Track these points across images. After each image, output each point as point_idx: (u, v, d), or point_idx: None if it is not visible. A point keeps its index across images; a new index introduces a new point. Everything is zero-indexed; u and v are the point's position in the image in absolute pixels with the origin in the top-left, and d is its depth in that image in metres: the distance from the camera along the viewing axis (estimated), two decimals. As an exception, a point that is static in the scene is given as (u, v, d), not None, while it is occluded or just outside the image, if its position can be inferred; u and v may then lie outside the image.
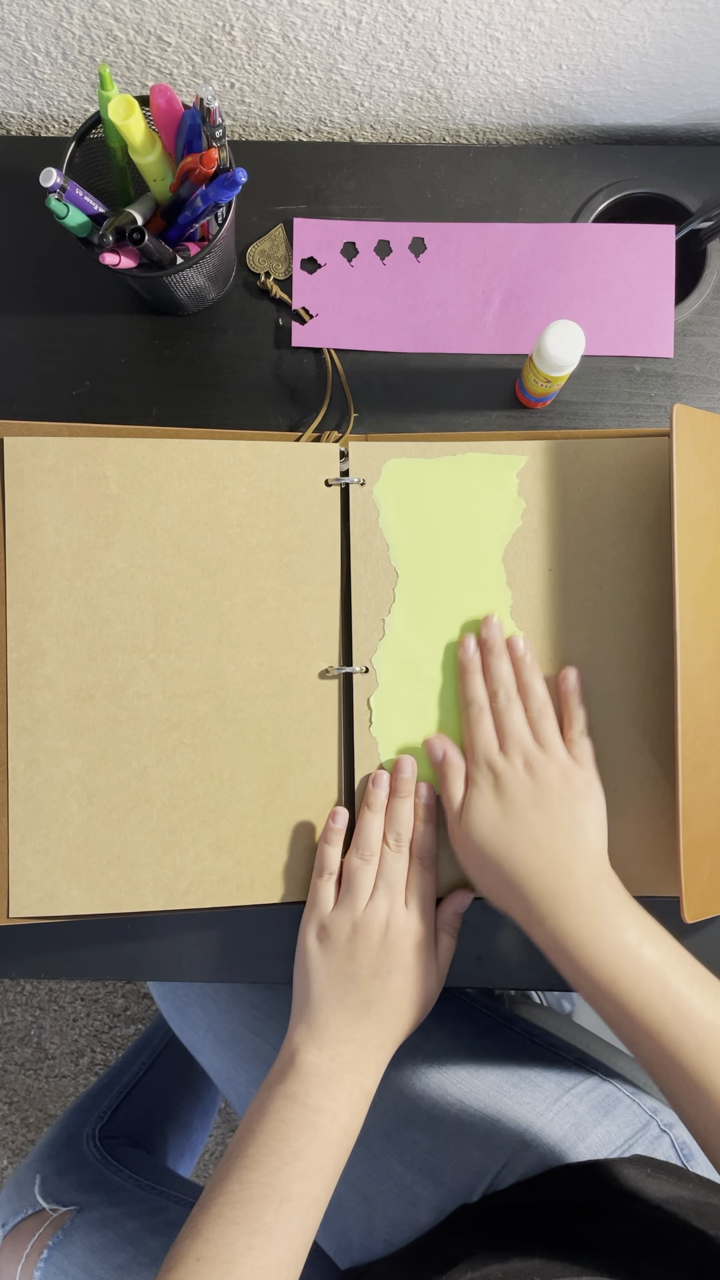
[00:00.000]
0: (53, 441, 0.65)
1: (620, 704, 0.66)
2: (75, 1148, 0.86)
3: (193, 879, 0.65)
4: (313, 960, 0.60)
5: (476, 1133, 0.71)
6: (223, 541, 0.66)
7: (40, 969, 0.68)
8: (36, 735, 0.64)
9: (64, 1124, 0.91)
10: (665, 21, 0.65)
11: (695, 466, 0.61)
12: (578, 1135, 0.70)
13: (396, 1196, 0.71)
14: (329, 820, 0.64)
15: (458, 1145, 0.71)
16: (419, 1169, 0.71)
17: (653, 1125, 0.72)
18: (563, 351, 0.62)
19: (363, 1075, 0.58)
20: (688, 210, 0.73)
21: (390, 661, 0.66)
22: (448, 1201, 0.70)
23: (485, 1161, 0.70)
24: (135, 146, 0.59)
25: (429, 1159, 0.71)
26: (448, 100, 0.75)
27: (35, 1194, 0.79)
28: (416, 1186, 0.71)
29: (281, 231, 0.73)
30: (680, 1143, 0.72)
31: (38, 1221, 0.76)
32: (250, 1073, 0.80)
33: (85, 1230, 0.75)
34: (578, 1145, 0.70)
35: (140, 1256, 0.73)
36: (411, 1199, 0.71)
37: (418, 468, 0.67)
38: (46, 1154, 0.86)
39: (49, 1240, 0.74)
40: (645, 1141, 0.71)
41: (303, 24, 0.66)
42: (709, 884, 0.62)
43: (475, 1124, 0.71)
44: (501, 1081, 0.74)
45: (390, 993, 0.59)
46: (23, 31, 0.67)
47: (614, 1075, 0.77)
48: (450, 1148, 0.71)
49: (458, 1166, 0.70)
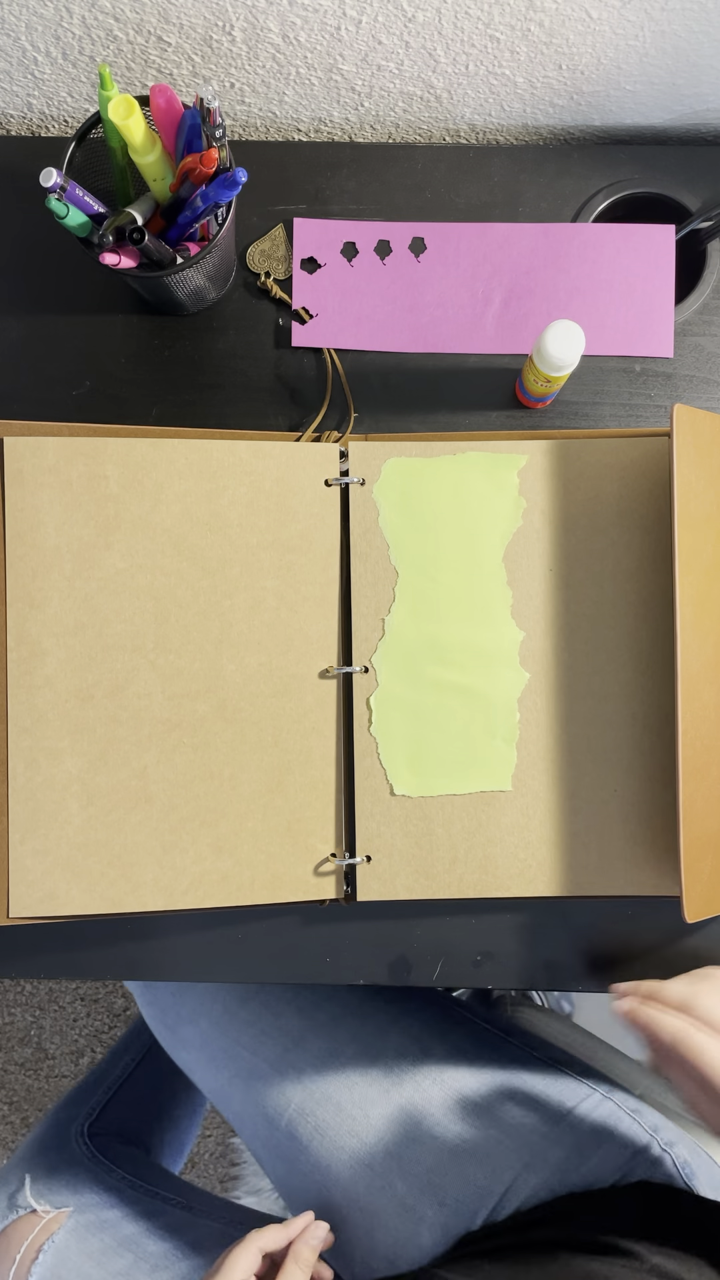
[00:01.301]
0: (53, 441, 0.65)
1: (620, 703, 0.66)
2: (64, 1145, 0.84)
3: (193, 879, 0.65)
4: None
5: (479, 1153, 0.70)
6: (223, 541, 0.66)
7: (40, 969, 0.68)
8: (36, 735, 0.64)
9: (51, 1120, 0.89)
10: (665, 21, 0.65)
11: (695, 466, 0.61)
12: (580, 1157, 0.70)
13: (399, 1215, 0.70)
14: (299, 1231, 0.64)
15: (461, 1166, 0.70)
16: (422, 1188, 0.70)
17: (654, 1145, 0.72)
18: (563, 351, 0.62)
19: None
20: (688, 210, 0.73)
21: (390, 661, 0.66)
22: (451, 1222, 0.69)
23: (488, 1183, 0.69)
24: (135, 146, 0.59)
25: (432, 1179, 0.70)
26: (448, 100, 0.75)
27: (26, 1195, 0.77)
28: (419, 1206, 0.70)
29: (281, 231, 0.73)
30: (681, 1162, 0.71)
31: (29, 1224, 0.75)
32: (246, 1091, 0.79)
33: (80, 1234, 0.74)
34: (580, 1167, 0.69)
35: (140, 1263, 0.72)
36: (415, 1218, 0.70)
37: (418, 467, 0.67)
38: (35, 1151, 0.84)
39: (43, 1244, 0.73)
40: (646, 1163, 0.70)
41: (303, 24, 0.66)
42: (709, 884, 0.62)
43: (478, 1143, 0.71)
44: (503, 1099, 0.73)
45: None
46: (23, 31, 0.67)
47: (615, 1086, 0.77)
48: (453, 1168, 0.70)
49: (460, 1187, 0.70)
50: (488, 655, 0.66)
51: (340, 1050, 0.76)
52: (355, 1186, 0.72)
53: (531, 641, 0.67)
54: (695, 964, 0.68)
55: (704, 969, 0.61)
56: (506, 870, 0.65)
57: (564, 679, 0.67)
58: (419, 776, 0.66)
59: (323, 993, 0.80)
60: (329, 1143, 0.73)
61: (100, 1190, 0.79)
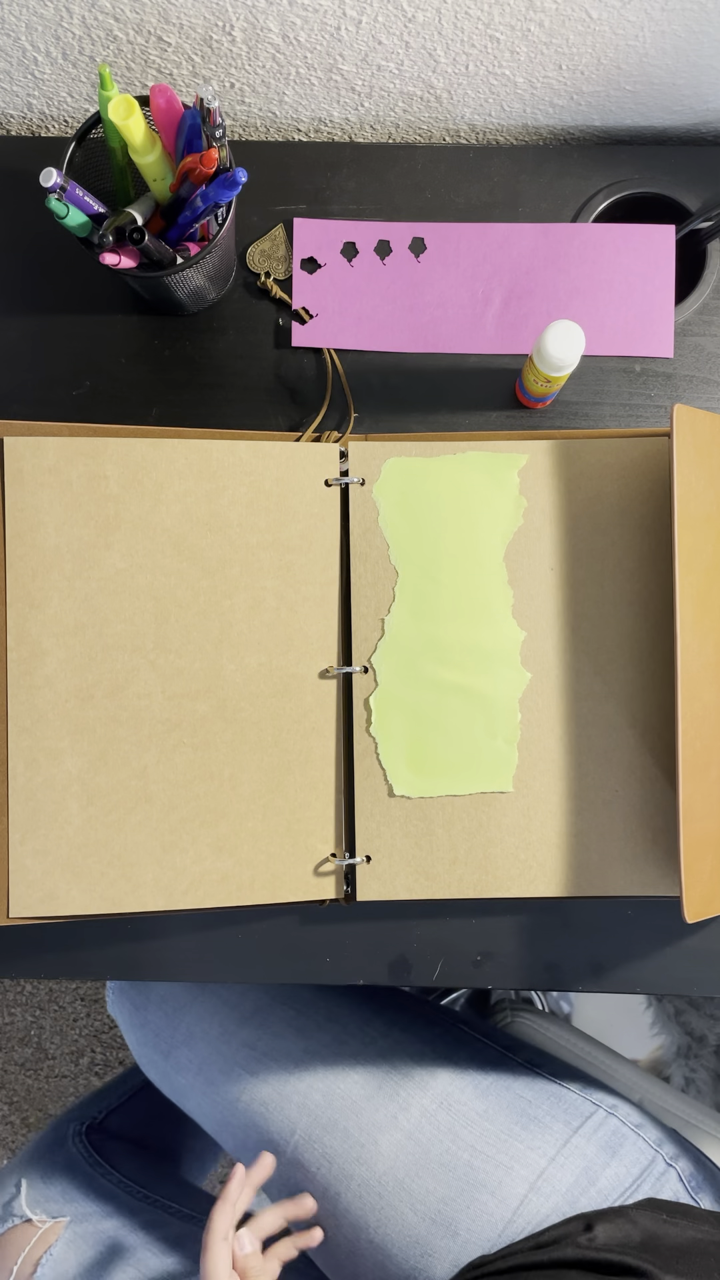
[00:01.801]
0: (53, 441, 0.65)
1: (620, 704, 0.66)
2: (60, 1146, 0.83)
3: (193, 879, 0.65)
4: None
5: (490, 1182, 0.70)
6: (223, 541, 0.66)
7: (40, 969, 0.68)
8: (36, 735, 0.64)
9: (54, 1124, 0.88)
10: (665, 21, 0.65)
11: (695, 466, 0.61)
12: (589, 1180, 0.70)
13: (410, 1247, 0.70)
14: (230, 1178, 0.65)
15: (472, 1195, 0.69)
16: (433, 1220, 0.69)
17: (659, 1161, 0.72)
18: (563, 351, 0.62)
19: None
20: (688, 210, 0.73)
21: (389, 661, 0.66)
22: (463, 1254, 0.68)
23: (500, 1210, 0.69)
24: (135, 146, 0.59)
25: (443, 1209, 0.69)
26: (448, 100, 0.75)
27: (21, 1203, 0.76)
28: (431, 1238, 0.69)
29: (281, 231, 0.73)
30: (687, 1174, 0.71)
31: (24, 1234, 0.73)
32: (247, 1115, 0.77)
33: (79, 1246, 0.72)
34: (589, 1190, 0.69)
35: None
36: (425, 1250, 0.69)
37: (418, 467, 0.67)
38: (32, 1156, 0.82)
39: (40, 1257, 0.71)
40: (653, 1179, 0.70)
41: (303, 24, 0.66)
42: (709, 884, 0.62)
43: (488, 1172, 0.70)
44: (510, 1124, 0.72)
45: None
46: (23, 31, 0.67)
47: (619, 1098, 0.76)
48: (464, 1198, 0.69)
49: (473, 1218, 0.69)
50: (488, 655, 0.66)
51: (345, 1075, 0.75)
52: (365, 1217, 0.71)
53: (533, 641, 0.67)
54: (695, 964, 0.68)
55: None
56: (507, 871, 0.65)
57: (565, 679, 0.67)
58: (419, 777, 0.66)
59: (322, 1014, 0.79)
60: (337, 1170, 0.72)
61: (98, 1197, 0.77)
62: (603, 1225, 0.64)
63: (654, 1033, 1.11)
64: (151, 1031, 0.83)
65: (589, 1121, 0.73)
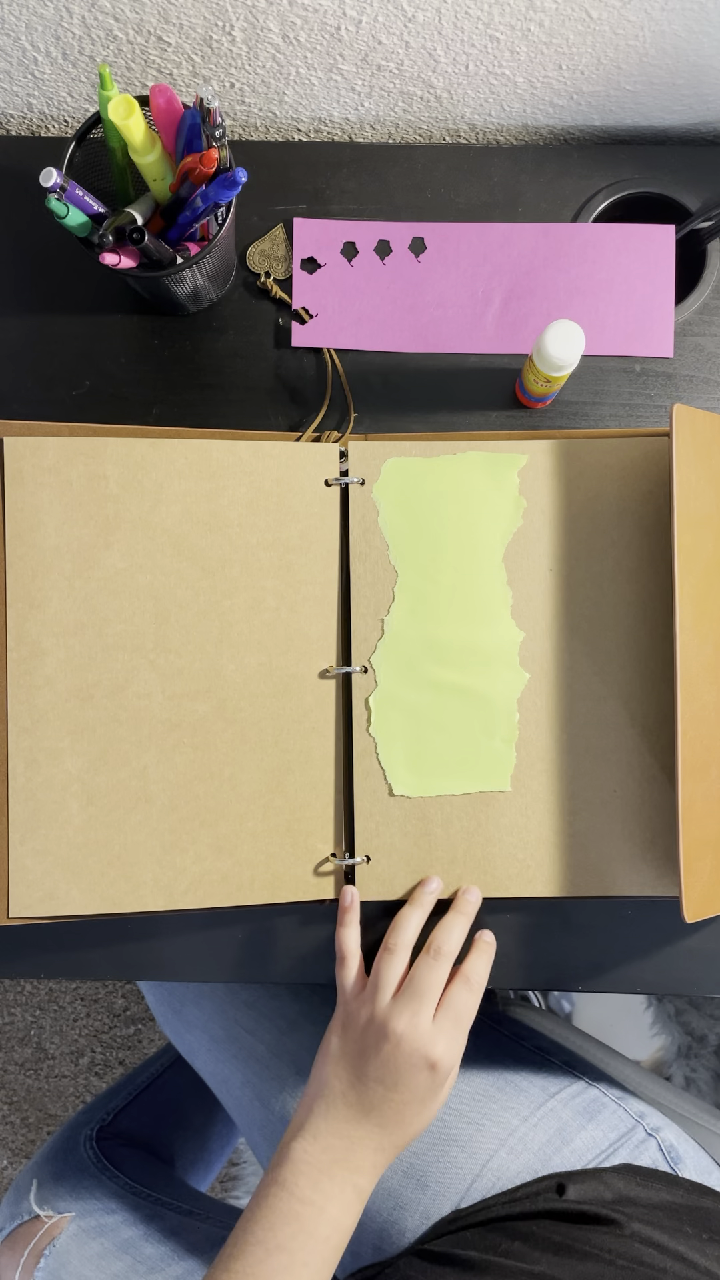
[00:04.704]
0: (53, 441, 0.65)
1: (620, 704, 0.66)
2: (73, 1150, 0.86)
3: (193, 879, 0.65)
4: (330, 1044, 0.60)
5: (461, 1138, 0.71)
6: (223, 541, 0.66)
7: (40, 969, 0.68)
8: (36, 735, 0.64)
9: (69, 1125, 0.91)
10: (665, 21, 0.65)
11: (695, 466, 0.61)
12: (562, 1140, 0.70)
13: (384, 1199, 0.71)
14: (341, 899, 0.63)
15: (443, 1150, 0.71)
16: (405, 1173, 0.71)
17: (639, 1130, 0.72)
18: (563, 351, 0.62)
19: (355, 1173, 0.57)
20: (688, 210, 0.73)
21: (389, 661, 0.66)
22: (433, 1206, 0.70)
23: (469, 1165, 0.70)
24: (135, 146, 0.59)
25: (415, 1163, 0.71)
26: (448, 100, 0.75)
27: (31, 1201, 0.79)
28: (404, 1190, 0.70)
29: (281, 231, 0.73)
30: (668, 1146, 0.71)
31: (33, 1229, 0.77)
32: (244, 1073, 0.80)
33: (81, 1238, 0.75)
34: (562, 1149, 0.70)
35: (138, 1265, 0.73)
36: (397, 1202, 0.70)
37: (418, 467, 0.67)
38: (47, 1157, 0.86)
39: (44, 1248, 0.75)
40: (631, 1146, 0.70)
41: (303, 24, 0.66)
42: (709, 884, 0.62)
43: (459, 1128, 0.71)
44: (487, 1085, 0.74)
45: (394, 1103, 0.58)
46: (23, 31, 0.67)
47: (603, 1078, 0.77)
48: (435, 1152, 0.71)
49: (442, 1170, 0.70)
50: (487, 655, 0.66)
51: None
52: None
53: (531, 642, 0.67)
54: (695, 964, 0.68)
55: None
56: (505, 870, 0.66)
57: (564, 679, 0.67)
58: (418, 776, 0.66)
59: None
60: None
61: (103, 1196, 0.80)
62: (575, 1186, 0.64)
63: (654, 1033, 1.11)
64: (166, 989, 0.89)
65: (569, 1088, 0.74)
